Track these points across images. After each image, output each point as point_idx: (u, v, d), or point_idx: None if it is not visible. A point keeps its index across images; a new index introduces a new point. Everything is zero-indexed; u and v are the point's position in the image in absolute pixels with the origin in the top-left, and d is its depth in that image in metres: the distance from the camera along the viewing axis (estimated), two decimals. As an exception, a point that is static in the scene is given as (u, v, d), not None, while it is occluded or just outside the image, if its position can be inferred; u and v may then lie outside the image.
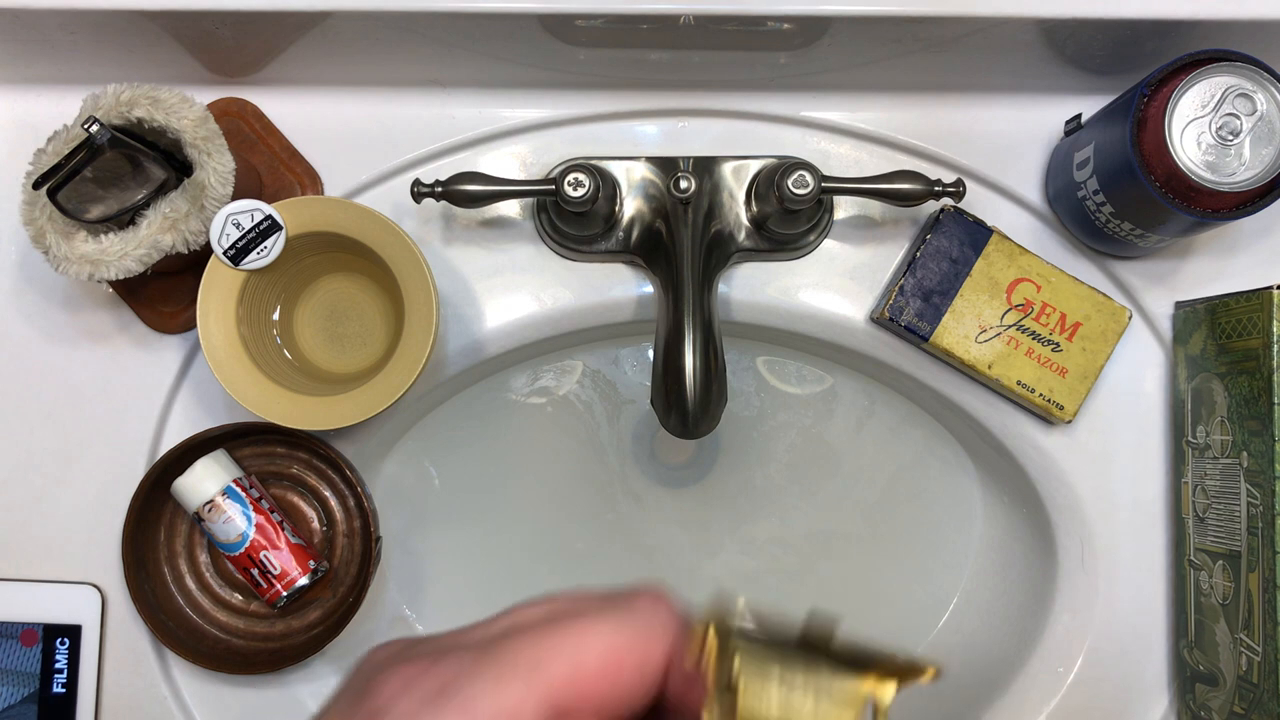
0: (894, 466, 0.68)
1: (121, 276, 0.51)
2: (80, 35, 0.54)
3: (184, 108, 0.51)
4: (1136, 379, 0.60)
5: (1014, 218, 0.60)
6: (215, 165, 0.51)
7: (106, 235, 0.51)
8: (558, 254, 0.60)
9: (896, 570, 0.68)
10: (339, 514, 0.60)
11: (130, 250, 0.50)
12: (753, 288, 0.60)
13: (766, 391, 0.68)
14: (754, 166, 0.58)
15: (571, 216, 0.56)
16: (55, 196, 0.49)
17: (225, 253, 0.52)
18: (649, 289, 0.60)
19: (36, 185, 0.49)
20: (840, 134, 0.60)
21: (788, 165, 0.53)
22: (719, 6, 0.51)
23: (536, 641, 0.26)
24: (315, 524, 0.60)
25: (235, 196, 0.52)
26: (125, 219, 0.52)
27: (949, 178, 0.57)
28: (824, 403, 0.68)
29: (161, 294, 0.58)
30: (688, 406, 0.49)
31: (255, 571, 0.56)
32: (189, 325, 0.59)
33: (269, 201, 0.52)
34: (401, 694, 0.26)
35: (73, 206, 0.53)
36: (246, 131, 0.55)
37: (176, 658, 0.59)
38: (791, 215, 0.56)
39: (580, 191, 0.53)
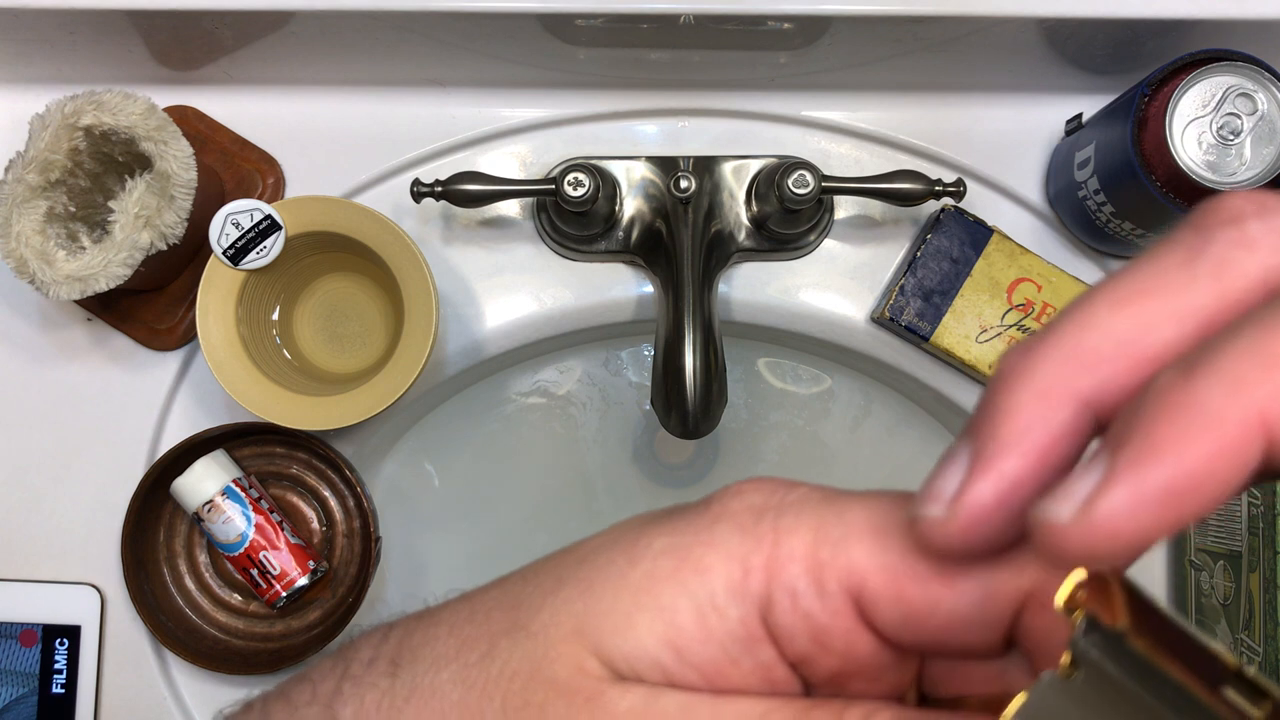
0: (893, 466, 0.68)
1: (113, 285, 0.51)
2: (79, 35, 0.54)
3: (128, 104, 0.51)
4: (1137, 379, 0.60)
5: (1015, 217, 0.60)
6: (174, 152, 0.51)
7: (85, 250, 0.51)
8: (558, 254, 0.60)
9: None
10: (338, 514, 0.60)
11: (112, 257, 0.50)
12: (753, 288, 0.60)
13: (766, 392, 0.68)
14: (754, 166, 0.58)
15: (571, 216, 0.56)
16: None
17: (225, 252, 0.52)
18: (649, 289, 0.60)
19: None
20: (840, 133, 0.60)
21: (788, 165, 0.53)
22: (719, 6, 0.51)
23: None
24: (315, 524, 0.60)
25: (200, 199, 0.52)
26: (97, 232, 0.52)
27: (949, 177, 0.57)
28: (824, 402, 0.68)
29: (154, 313, 0.58)
30: (688, 407, 0.49)
31: (255, 572, 0.56)
32: (188, 337, 0.59)
33: (233, 196, 0.52)
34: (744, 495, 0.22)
35: (87, 214, 0.54)
36: (193, 134, 0.55)
37: (176, 658, 0.59)
38: (792, 215, 0.56)
39: (580, 191, 0.53)
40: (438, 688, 0.22)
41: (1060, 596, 0.18)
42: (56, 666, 0.58)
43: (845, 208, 0.60)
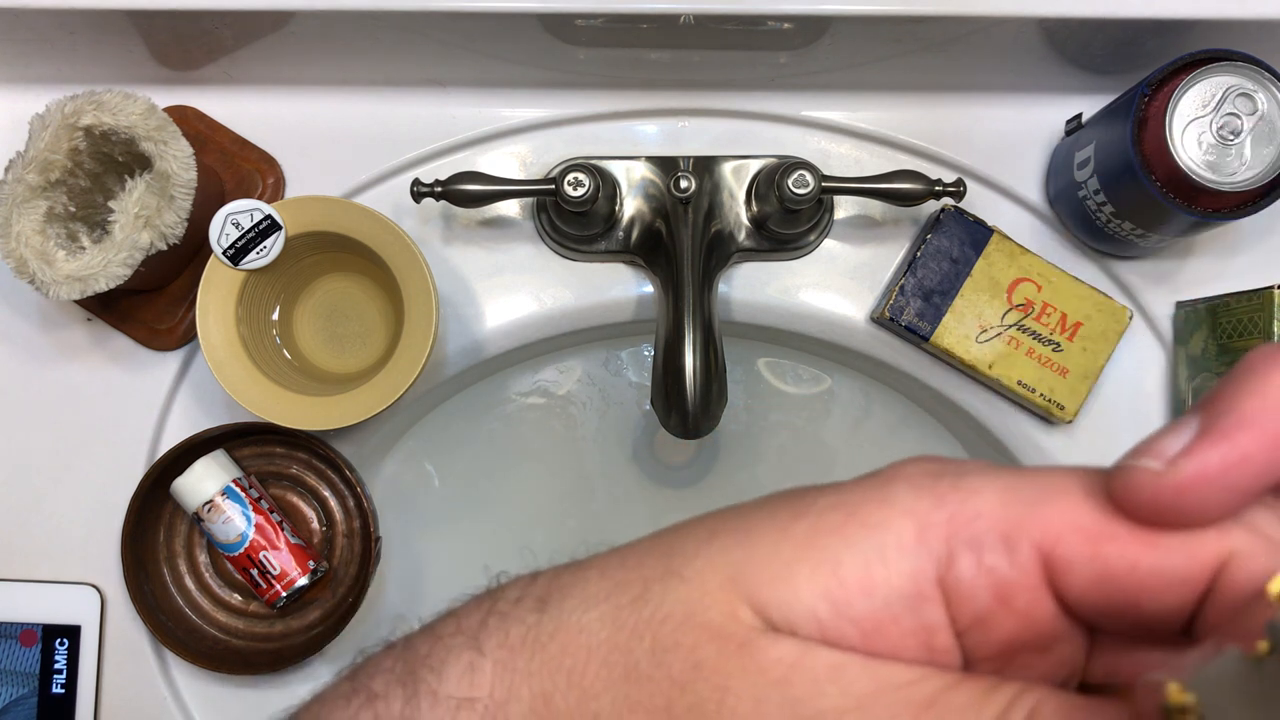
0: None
1: (113, 285, 0.51)
2: (79, 35, 0.54)
3: (128, 104, 0.51)
4: (1137, 379, 0.60)
5: (1015, 217, 0.60)
6: (174, 152, 0.51)
7: (84, 250, 0.51)
8: (558, 254, 0.60)
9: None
10: (338, 514, 0.60)
11: (112, 257, 0.50)
12: (753, 288, 0.60)
13: (766, 392, 0.68)
14: (754, 166, 0.58)
15: (571, 216, 0.56)
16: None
17: (225, 252, 0.52)
18: (649, 289, 0.60)
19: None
20: (840, 133, 0.60)
21: (788, 165, 0.53)
22: (719, 6, 0.51)
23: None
24: (315, 524, 0.60)
25: (200, 199, 0.52)
26: (97, 232, 0.52)
27: (949, 177, 0.57)
28: (824, 402, 0.68)
29: (154, 313, 0.58)
30: (688, 406, 0.49)
31: (255, 572, 0.56)
32: (188, 337, 0.59)
33: (233, 196, 0.52)
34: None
35: (87, 214, 0.54)
36: (193, 134, 0.55)
37: (176, 658, 0.59)
38: (792, 215, 0.56)
39: (580, 191, 0.53)
40: (585, 625, 0.23)
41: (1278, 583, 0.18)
42: (56, 666, 0.58)
43: (845, 208, 0.60)
